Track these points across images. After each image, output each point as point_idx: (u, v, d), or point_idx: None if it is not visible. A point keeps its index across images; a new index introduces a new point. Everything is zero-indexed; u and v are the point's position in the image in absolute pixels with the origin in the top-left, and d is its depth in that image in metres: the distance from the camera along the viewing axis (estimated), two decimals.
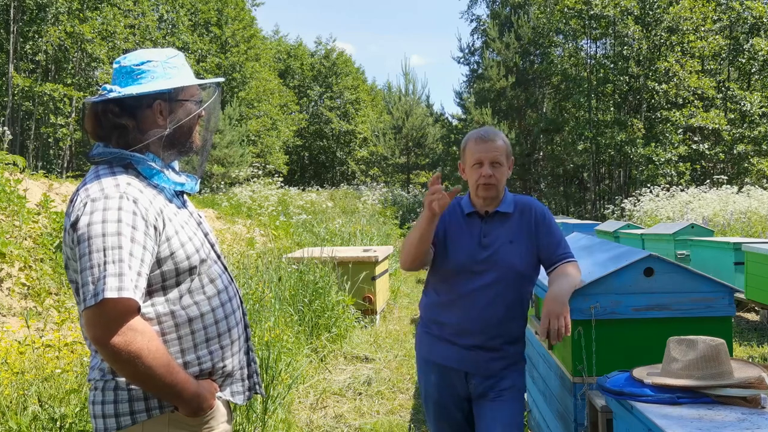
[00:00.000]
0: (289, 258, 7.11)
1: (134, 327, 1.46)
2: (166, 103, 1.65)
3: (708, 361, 1.86)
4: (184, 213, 1.72)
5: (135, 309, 1.47)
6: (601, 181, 27.27)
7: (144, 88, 1.62)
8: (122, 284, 1.44)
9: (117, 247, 1.46)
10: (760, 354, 6.03)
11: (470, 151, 2.37)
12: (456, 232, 2.40)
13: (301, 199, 18.05)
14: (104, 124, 1.63)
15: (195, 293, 1.64)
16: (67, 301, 5.88)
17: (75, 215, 1.52)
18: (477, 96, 28.66)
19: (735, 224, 12.77)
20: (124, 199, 1.51)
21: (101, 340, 1.44)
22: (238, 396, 1.77)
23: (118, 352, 1.44)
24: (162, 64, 1.66)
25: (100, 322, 1.44)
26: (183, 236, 1.63)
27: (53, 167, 23.64)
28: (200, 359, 1.63)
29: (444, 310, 2.37)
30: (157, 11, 27.88)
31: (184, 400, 1.55)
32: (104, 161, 1.63)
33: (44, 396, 3.20)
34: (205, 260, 1.68)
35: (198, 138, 1.76)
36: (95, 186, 1.55)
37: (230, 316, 1.72)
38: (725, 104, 23.56)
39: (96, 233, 1.46)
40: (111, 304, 1.43)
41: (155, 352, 1.48)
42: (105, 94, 1.62)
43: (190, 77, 1.72)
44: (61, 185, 8.92)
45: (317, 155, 39.82)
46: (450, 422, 2.42)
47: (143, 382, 1.51)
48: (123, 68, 1.65)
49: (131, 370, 1.47)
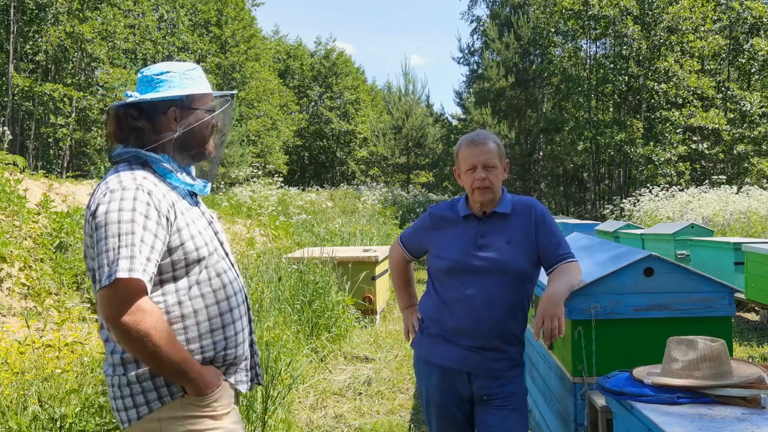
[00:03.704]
0: (289, 258, 7.11)
1: (143, 307, 1.59)
2: (180, 110, 1.82)
3: (708, 361, 1.86)
4: (195, 211, 1.86)
5: (143, 289, 1.60)
6: (600, 181, 27.26)
7: (160, 95, 1.80)
8: (133, 266, 1.57)
9: (130, 233, 1.60)
10: (760, 354, 6.03)
11: (463, 156, 2.38)
12: (450, 234, 2.40)
13: (301, 199, 18.05)
14: (124, 127, 1.81)
15: (202, 285, 1.76)
16: (67, 301, 5.88)
17: (95, 204, 1.67)
18: (477, 96, 28.65)
19: (735, 224, 12.77)
20: (139, 190, 1.66)
21: (113, 318, 1.58)
22: (242, 384, 1.90)
23: (128, 331, 1.57)
24: (180, 75, 1.84)
25: (113, 301, 1.58)
26: (193, 229, 1.77)
27: (53, 167, 23.62)
28: (204, 348, 1.75)
29: (443, 311, 2.36)
30: (157, 11, 27.87)
31: (190, 378, 1.68)
32: (123, 160, 1.79)
33: (44, 396, 3.20)
34: (213, 254, 1.81)
35: (212, 145, 1.92)
36: (114, 179, 1.70)
37: (235, 309, 1.83)
38: (725, 104, 23.55)
39: (112, 220, 1.61)
40: (122, 284, 1.56)
41: (162, 331, 1.61)
42: (126, 99, 1.80)
43: (205, 88, 1.89)
44: (61, 185, 8.92)
45: (317, 155, 39.82)
46: (452, 424, 2.41)
47: (151, 360, 1.63)
48: (145, 77, 1.85)
49: (140, 348, 1.60)
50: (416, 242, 2.57)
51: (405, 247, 2.61)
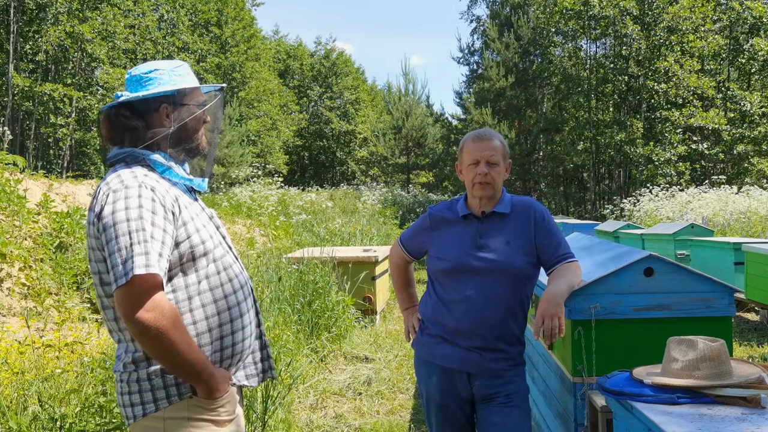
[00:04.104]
0: (289, 258, 7.11)
1: (161, 305, 1.59)
2: (172, 106, 1.83)
3: (708, 361, 1.86)
4: (196, 206, 1.88)
5: (160, 284, 1.61)
6: (601, 181, 27.26)
7: (151, 92, 1.80)
8: (149, 261, 1.58)
9: (141, 229, 1.61)
10: (760, 354, 6.03)
11: (467, 150, 2.38)
12: (450, 234, 2.40)
13: (300, 199, 18.04)
14: (117, 127, 1.81)
15: (211, 279, 1.77)
16: (67, 301, 5.88)
17: (99, 206, 1.67)
18: (477, 96, 28.66)
19: (735, 224, 12.77)
20: (142, 187, 1.67)
21: (131, 316, 1.57)
22: (252, 378, 1.92)
23: (147, 328, 1.57)
24: (168, 72, 1.85)
25: (131, 299, 1.57)
26: (198, 222, 1.79)
27: (53, 167, 23.64)
28: (213, 342, 1.76)
29: (443, 312, 2.36)
30: (157, 11, 27.87)
31: (203, 379, 1.68)
32: (120, 160, 1.79)
33: (44, 396, 3.20)
34: (218, 247, 1.83)
35: (204, 140, 1.93)
36: (115, 179, 1.71)
37: (242, 303, 1.84)
38: (725, 104, 23.56)
39: (120, 219, 1.61)
40: (140, 281, 1.57)
41: (179, 329, 1.62)
42: (116, 99, 1.81)
43: (194, 84, 1.89)
44: (61, 185, 8.92)
45: (317, 155, 39.83)
46: (453, 424, 2.40)
47: (167, 358, 1.63)
48: (133, 77, 1.85)
49: (157, 345, 1.60)
50: (416, 243, 2.57)
51: (405, 247, 2.61)
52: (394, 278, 2.72)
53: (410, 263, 2.68)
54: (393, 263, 2.70)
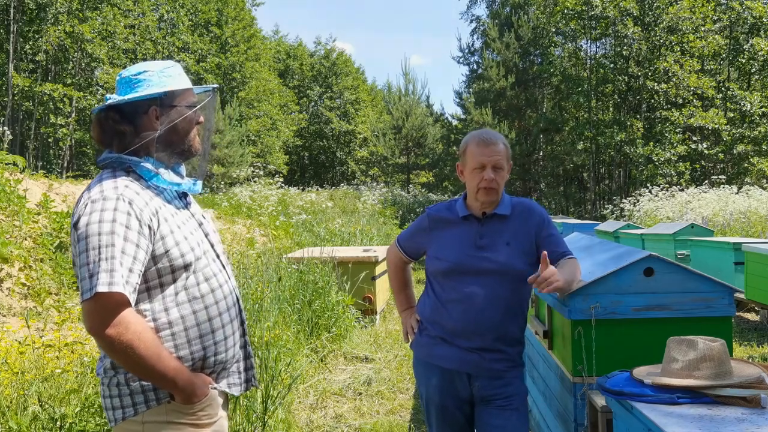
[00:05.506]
0: (289, 258, 7.11)
1: (126, 319, 1.58)
2: (161, 109, 1.79)
3: (708, 361, 1.86)
4: (184, 214, 1.84)
5: (126, 302, 1.59)
6: (601, 181, 27.26)
7: (138, 95, 1.76)
8: (113, 279, 1.57)
9: (110, 245, 1.59)
10: (760, 354, 6.03)
11: (472, 154, 2.35)
12: (449, 235, 2.39)
13: (301, 199, 18.04)
14: (107, 130, 1.78)
15: (190, 290, 1.75)
16: (67, 301, 5.88)
17: (77, 215, 1.66)
18: (477, 96, 28.67)
19: (735, 224, 12.77)
20: (120, 200, 1.64)
21: (96, 330, 1.58)
22: (235, 387, 1.90)
23: (112, 343, 1.58)
24: (158, 74, 1.80)
25: (95, 314, 1.58)
26: (178, 235, 1.74)
27: (53, 167, 23.65)
28: (193, 353, 1.74)
29: (442, 312, 2.35)
30: (157, 11, 27.87)
31: (179, 387, 1.68)
32: (108, 165, 1.78)
33: (44, 396, 3.20)
34: (200, 258, 1.79)
35: (197, 142, 1.88)
36: (96, 189, 1.69)
37: (224, 313, 1.82)
38: (725, 104, 23.56)
39: (93, 232, 1.60)
40: (104, 298, 1.56)
41: (146, 341, 1.61)
42: (106, 102, 1.78)
43: (185, 85, 1.85)
44: (61, 185, 8.92)
45: (317, 155, 39.84)
46: (452, 425, 2.40)
47: (136, 370, 1.64)
48: (123, 79, 1.81)
49: (125, 358, 1.61)
50: (414, 244, 2.56)
51: (403, 248, 2.59)
52: (392, 279, 2.71)
53: (408, 264, 2.68)
54: (390, 264, 2.69)
